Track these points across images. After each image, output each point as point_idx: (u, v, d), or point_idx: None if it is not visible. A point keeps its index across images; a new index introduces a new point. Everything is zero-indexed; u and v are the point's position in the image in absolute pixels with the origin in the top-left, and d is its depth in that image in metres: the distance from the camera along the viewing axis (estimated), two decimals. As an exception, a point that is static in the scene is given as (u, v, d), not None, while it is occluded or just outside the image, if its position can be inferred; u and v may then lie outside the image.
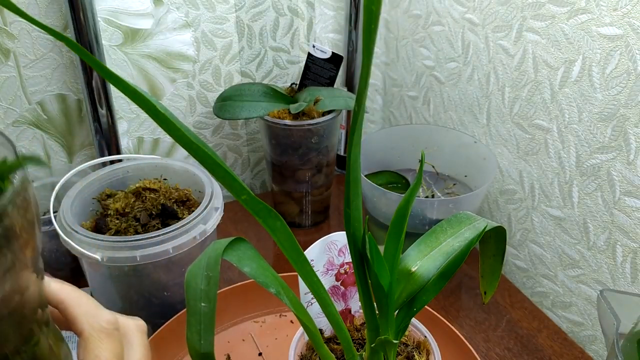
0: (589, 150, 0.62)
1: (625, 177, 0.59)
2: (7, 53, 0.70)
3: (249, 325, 0.64)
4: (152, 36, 0.77)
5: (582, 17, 0.59)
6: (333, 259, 0.47)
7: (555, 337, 0.67)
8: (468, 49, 0.77)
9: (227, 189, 0.32)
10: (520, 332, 0.67)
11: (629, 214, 0.59)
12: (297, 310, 0.36)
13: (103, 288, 0.60)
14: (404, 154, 0.81)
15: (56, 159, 0.80)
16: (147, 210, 0.62)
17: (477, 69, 0.76)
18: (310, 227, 0.86)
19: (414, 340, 0.47)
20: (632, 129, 0.57)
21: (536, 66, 0.66)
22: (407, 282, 0.39)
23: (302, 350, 0.46)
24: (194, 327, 0.31)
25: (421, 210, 0.67)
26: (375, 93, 1.01)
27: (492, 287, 0.44)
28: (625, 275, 0.61)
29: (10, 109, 0.73)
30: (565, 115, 0.64)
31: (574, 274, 0.68)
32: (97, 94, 0.72)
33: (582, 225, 0.65)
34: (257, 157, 0.96)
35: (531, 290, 0.75)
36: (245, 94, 0.77)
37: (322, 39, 0.91)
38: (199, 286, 0.31)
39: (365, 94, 0.29)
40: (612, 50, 0.57)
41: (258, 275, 0.34)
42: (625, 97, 0.57)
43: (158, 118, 0.29)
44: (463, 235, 0.41)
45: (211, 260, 0.32)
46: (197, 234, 0.57)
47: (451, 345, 0.57)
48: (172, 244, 0.56)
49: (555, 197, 0.68)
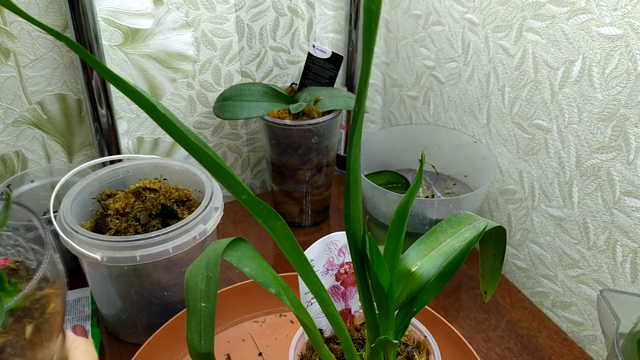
0: (589, 150, 0.62)
1: (625, 177, 0.59)
2: (7, 53, 0.70)
3: (249, 325, 0.64)
4: (152, 36, 0.77)
5: (582, 17, 0.59)
6: (333, 259, 0.47)
7: (555, 337, 0.67)
8: (468, 49, 0.77)
9: (227, 189, 0.32)
10: (520, 332, 0.67)
11: (629, 214, 0.59)
12: (297, 310, 0.36)
13: (103, 288, 0.60)
14: (404, 154, 0.81)
15: (56, 159, 0.80)
16: (147, 210, 0.62)
17: (477, 69, 0.76)
18: (310, 227, 0.86)
19: (414, 340, 0.47)
20: (632, 129, 0.57)
21: (536, 66, 0.66)
22: (407, 282, 0.39)
23: (302, 350, 0.46)
24: (194, 327, 0.31)
25: (421, 210, 0.67)
26: (375, 93, 1.01)
27: (492, 287, 0.44)
28: (625, 275, 0.61)
29: (10, 109, 0.73)
30: (565, 115, 0.64)
31: (574, 274, 0.68)
32: (97, 94, 0.72)
33: (582, 225, 0.65)
34: (257, 157, 0.96)
35: (531, 290, 0.75)
36: (245, 94, 0.77)
37: (322, 39, 0.91)
38: (199, 286, 0.31)
39: (365, 94, 0.29)
40: (612, 50, 0.57)
41: (258, 275, 0.34)
42: (625, 97, 0.57)
43: (158, 118, 0.29)
44: (463, 235, 0.41)
45: (211, 260, 0.32)
46: (197, 234, 0.57)
47: (451, 345, 0.57)
48: (172, 244, 0.56)
49: (555, 197, 0.68)
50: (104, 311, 0.64)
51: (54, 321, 0.32)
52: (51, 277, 0.32)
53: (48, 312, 0.31)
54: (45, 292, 0.31)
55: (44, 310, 0.31)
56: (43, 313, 0.31)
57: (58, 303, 0.32)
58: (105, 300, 0.62)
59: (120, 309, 0.61)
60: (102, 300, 0.62)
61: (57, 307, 0.32)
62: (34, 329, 0.30)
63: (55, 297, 0.32)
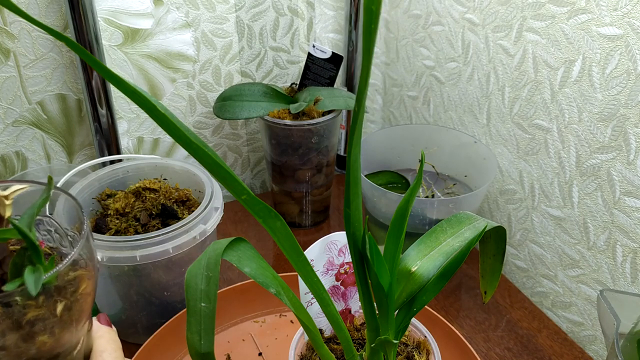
0: (589, 150, 0.62)
1: (625, 177, 0.59)
2: (7, 53, 0.70)
3: (249, 325, 0.64)
4: (152, 36, 0.77)
5: (582, 17, 0.59)
6: (333, 258, 0.47)
7: (555, 337, 0.67)
8: (468, 49, 0.77)
9: (227, 189, 0.32)
10: (520, 332, 0.67)
11: (629, 214, 0.59)
12: (297, 310, 0.36)
13: (103, 288, 0.60)
14: (404, 154, 0.81)
15: (56, 159, 0.80)
16: (147, 210, 0.62)
17: (477, 69, 0.76)
18: (310, 227, 0.86)
19: (414, 340, 0.47)
20: (632, 129, 0.57)
21: (536, 66, 0.66)
22: (407, 282, 0.39)
23: (302, 350, 0.46)
24: (194, 327, 0.31)
25: (421, 210, 0.67)
26: (375, 93, 1.01)
27: (492, 287, 0.44)
28: (625, 275, 0.61)
29: (10, 109, 0.73)
30: (565, 115, 0.64)
31: (574, 274, 0.68)
32: (97, 93, 0.72)
33: (582, 225, 0.65)
34: (257, 157, 0.96)
35: (531, 290, 0.75)
36: (245, 94, 0.77)
37: (322, 39, 0.91)
38: (199, 286, 0.31)
39: (365, 94, 0.29)
40: (612, 50, 0.57)
41: (258, 275, 0.34)
42: (625, 97, 0.57)
43: (158, 118, 0.29)
44: (463, 235, 0.41)
45: (211, 260, 0.32)
46: (197, 234, 0.57)
47: (451, 345, 0.57)
48: (172, 244, 0.56)
49: (555, 197, 0.68)
50: (104, 311, 0.64)
51: (84, 302, 0.33)
52: (85, 261, 0.33)
53: (79, 293, 0.32)
54: (78, 273, 0.33)
55: (76, 290, 0.32)
56: (75, 292, 0.32)
57: (89, 285, 0.33)
58: (105, 300, 0.62)
59: (120, 309, 0.61)
60: (102, 300, 0.62)
61: (88, 288, 0.33)
62: (65, 307, 0.31)
63: (87, 278, 0.33)
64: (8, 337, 0.29)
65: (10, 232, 0.31)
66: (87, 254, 0.33)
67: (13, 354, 0.30)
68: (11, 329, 0.29)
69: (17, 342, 0.30)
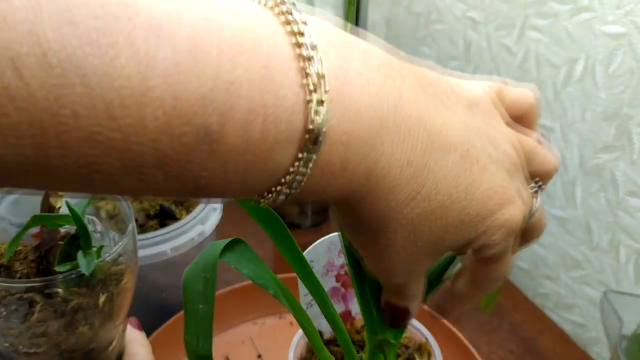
0: (592, 149, 0.62)
1: (629, 177, 0.58)
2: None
3: (248, 327, 0.63)
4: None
5: (585, 15, 0.59)
6: (333, 260, 0.46)
7: (558, 339, 0.66)
8: (470, 47, 0.76)
9: (226, 189, 0.32)
10: (522, 334, 0.67)
11: (632, 214, 0.59)
12: (296, 312, 0.36)
13: (100, 289, 0.60)
14: (405, 154, 0.81)
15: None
16: (144, 211, 0.62)
17: (479, 68, 0.75)
18: (310, 228, 0.86)
19: (415, 342, 0.47)
20: (635, 128, 0.56)
21: (539, 65, 0.66)
22: (408, 283, 0.39)
23: (301, 352, 0.46)
24: (192, 330, 0.30)
25: (422, 210, 0.66)
26: (375, 93, 1.01)
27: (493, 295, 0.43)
28: (629, 276, 0.61)
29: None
30: (568, 115, 0.63)
31: (577, 275, 0.67)
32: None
33: (585, 225, 0.65)
34: (256, 157, 0.95)
35: (533, 291, 0.75)
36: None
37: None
38: (197, 288, 0.31)
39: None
40: (616, 48, 0.56)
41: (257, 276, 0.34)
42: (629, 96, 0.56)
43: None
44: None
45: (209, 261, 0.32)
46: (196, 235, 0.57)
47: (453, 347, 0.57)
48: (170, 244, 0.55)
49: (558, 197, 0.67)
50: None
51: (124, 297, 0.34)
52: (129, 255, 0.34)
53: (121, 287, 0.34)
54: (121, 268, 0.34)
55: (118, 283, 0.34)
56: (117, 286, 0.33)
57: (131, 279, 0.35)
58: (103, 302, 0.61)
59: (118, 311, 0.61)
60: (99, 302, 0.62)
61: (129, 283, 0.34)
62: (107, 299, 0.32)
63: (130, 272, 0.34)
64: (50, 324, 0.30)
65: (64, 219, 0.32)
66: (131, 250, 0.34)
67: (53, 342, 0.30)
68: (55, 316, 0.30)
69: (58, 330, 0.30)
